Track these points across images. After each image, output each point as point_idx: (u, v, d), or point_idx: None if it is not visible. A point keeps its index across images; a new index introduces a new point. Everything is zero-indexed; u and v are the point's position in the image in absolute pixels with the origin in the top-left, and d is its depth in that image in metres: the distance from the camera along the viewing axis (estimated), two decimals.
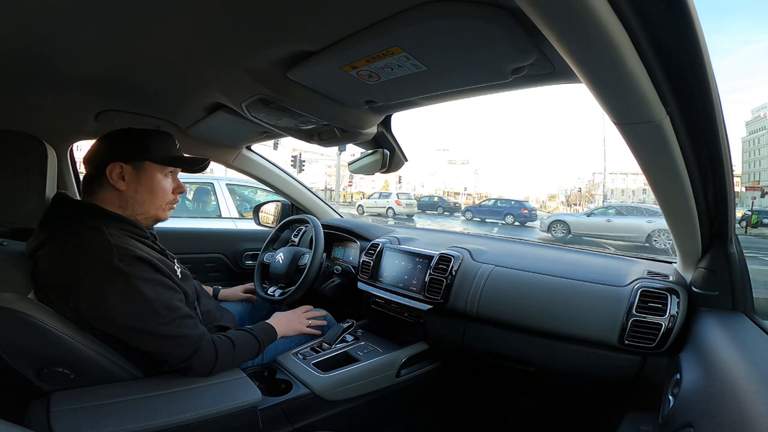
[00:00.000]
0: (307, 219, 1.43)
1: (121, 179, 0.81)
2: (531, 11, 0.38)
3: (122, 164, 0.81)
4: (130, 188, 0.82)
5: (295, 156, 12.92)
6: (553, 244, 1.42)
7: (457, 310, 1.10)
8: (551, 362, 0.99)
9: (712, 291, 0.78)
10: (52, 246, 0.74)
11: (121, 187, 0.81)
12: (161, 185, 0.86)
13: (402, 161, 1.18)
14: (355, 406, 1.00)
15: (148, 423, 0.67)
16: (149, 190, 0.84)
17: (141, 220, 0.85)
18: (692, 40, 0.41)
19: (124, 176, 0.81)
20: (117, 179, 0.81)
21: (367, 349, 1.13)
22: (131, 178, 0.82)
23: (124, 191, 0.82)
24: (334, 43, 0.62)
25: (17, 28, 0.60)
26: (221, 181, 3.79)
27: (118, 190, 0.81)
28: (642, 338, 0.83)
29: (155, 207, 0.86)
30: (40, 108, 1.01)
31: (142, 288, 0.72)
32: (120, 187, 0.81)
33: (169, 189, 0.88)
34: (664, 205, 0.72)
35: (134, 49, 0.69)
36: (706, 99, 0.48)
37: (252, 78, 0.76)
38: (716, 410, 0.47)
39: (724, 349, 0.61)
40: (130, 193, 0.82)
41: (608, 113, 0.52)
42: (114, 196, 0.82)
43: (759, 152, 45.51)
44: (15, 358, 0.66)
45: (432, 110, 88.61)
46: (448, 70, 0.66)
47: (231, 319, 1.08)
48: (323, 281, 1.39)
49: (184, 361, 0.78)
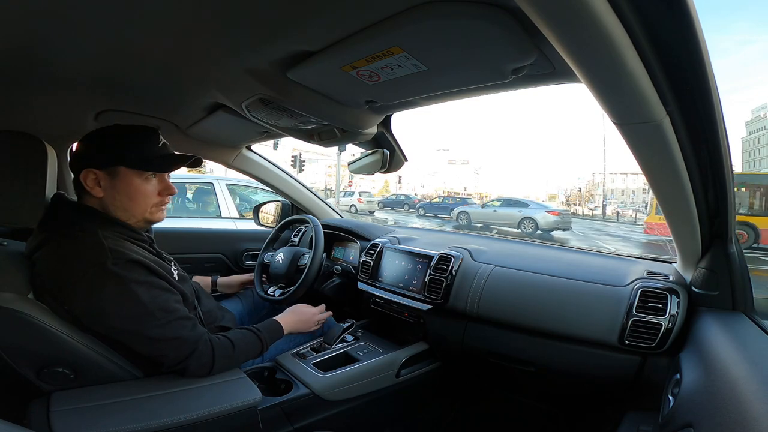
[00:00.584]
0: (307, 219, 1.43)
1: (97, 186, 0.77)
2: (531, 11, 0.38)
3: (95, 171, 0.77)
4: (107, 195, 0.78)
5: (295, 156, 12.91)
6: (553, 244, 1.42)
7: (457, 310, 1.10)
8: (551, 362, 0.99)
9: (712, 291, 0.78)
10: (49, 248, 0.74)
11: (98, 194, 0.78)
12: (141, 190, 0.80)
13: (402, 161, 1.18)
14: (355, 406, 1.00)
15: (148, 423, 0.67)
16: (127, 197, 0.79)
17: (132, 223, 0.82)
18: (692, 40, 0.41)
19: (99, 183, 0.77)
20: (93, 186, 0.77)
21: (367, 349, 1.13)
22: (107, 184, 0.78)
23: (103, 198, 0.78)
24: (334, 43, 0.62)
25: (17, 28, 0.60)
26: (221, 181, 3.79)
27: (96, 197, 0.78)
28: (642, 338, 0.83)
29: (140, 212, 0.82)
30: (40, 108, 1.01)
31: (137, 291, 0.72)
32: (97, 194, 0.78)
33: (151, 192, 0.82)
34: (664, 205, 0.72)
35: (134, 49, 0.69)
36: (706, 99, 0.48)
37: (252, 78, 0.76)
38: (716, 410, 0.47)
39: (724, 349, 0.61)
40: (109, 200, 0.78)
41: (608, 113, 0.52)
42: (95, 201, 0.79)
43: (759, 152, 45.51)
44: (15, 358, 0.66)
45: (432, 110, 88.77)
46: (448, 70, 0.66)
47: (231, 319, 1.08)
48: (323, 281, 1.39)
49: (181, 363, 0.77)
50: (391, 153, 1.15)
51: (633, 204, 35.08)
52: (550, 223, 11.18)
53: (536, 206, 12.18)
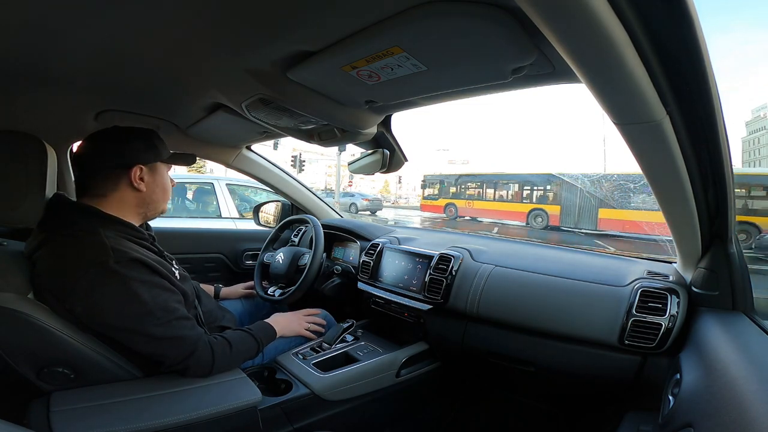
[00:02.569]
0: (307, 219, 1.43)
1: (141, 181, 0.84)
2: (531, 11, 0.38)
3: (142, 166, 0.84)
4: (149, 189, 0.85)
5: (295, 156, 12.89)
6: (553, 244, 1.42)
7: (457, 310, 1.10)
8: (551, 362, 0.99)
9: (712, 291, 0.78)
10: (50, 247, 0.74)
11: (142, 189, 0.84)
12: (168, 182, 0.91)
13: (402, 161, 1.18)
14: (355, 406, 1.00)
15: (148, 423, 0.67)
16: (162, 189, 0.89)
17: (151, 216, 0.90)
18: (692, 40, 0.41)
19: (143, 177, 0.84)
20: (139, 181, 0.83)
21: (367, 349, 1.13)
22: (150, 179, 0.85)
23: (144, 192, 0.85)
24: (333, 43, 0.62)
25: (17, 29, 0.60)
26: (221, 181, 3.79)
27: (138, 191, 0.84)
28: (642, 338, 0.83)
29: (165, 203, 0.92)
30: (40, 108, 1.01)
31: (138, 290, 0.72)
32: (141, 188, 0.84)
33: (170, 184, 0.93)
34: (664, 205, 0.72)
35: (134, 49, 0.69)
36: (706, 99, 0.48)
37: (252, 78, 0.76)
38: (716, 410, 0.47)
39: (724, 349, 0.61)
40: (149, 194, 0.86)
41: (608, 113, 0.52)
42: (132, 197, 0.84)
43: (759, 152, 45.49)
44: (15, 358, 0.66)
45: (432, 110, 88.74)
46: (448, 70, 0.66)
47: (231, 320, 1.09)
48: (323, 281, 1.39)
49: (181, 363, 0.78)
50: (391, 153, 1.15)
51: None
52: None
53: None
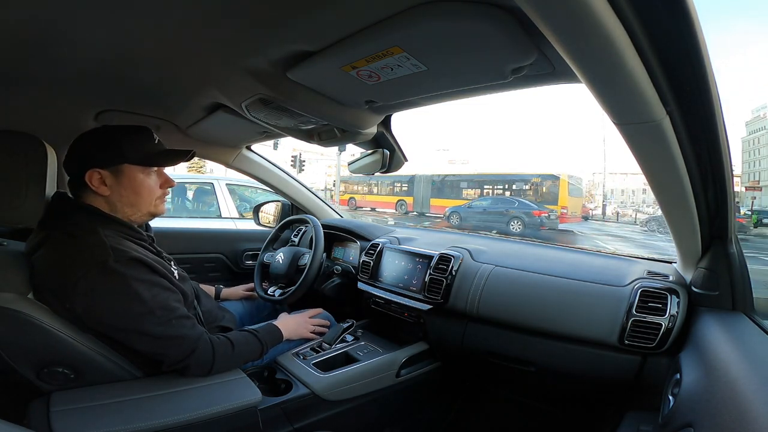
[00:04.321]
0: (307, 219, 1.43)
1: (102, 185, 0.79)
2: (531, 11, 0.38)
3: (99, 170, 0.78)
4: (114, 193, 0.80)
5: (295, 156, 12.89)
6: (553, 244, 1.42)
7: (457, 310, 1.10)
8: (551, 362, 0.99)
9: (712, 291, 0.78)
10: (50, 246, 0.74)
11: (104, 193, 0.79)
12: (145, 184, 0.83)
13: (402, 161, 1.18)
14: (355, 406, 1.00)
15: (148, 423, 0.67)
16: (134, 192, 0.82)
17: (136, 219, 0.84)
18: (692, 40, 0.41)
19: (105, 181, 0.79)
20: (98, 185, 0.79)
21: (367, 349, 1.13)
22: (112, 182, 0.80)
23: (109, 196, 0.80)
24: (334, 43, 0.62)
25: (17, 29, 0.60)
26: (221, 181, 3.79)
27: (102, 195, 0.80)
28: (642, 338, 0.83)
29: (145, 206, 0.84)
30: (40, 108, 1.01)
31: (138, 289, 0.72)
32: (103, 193, 0.79)
33: (154, 186, 0.85)
34: (664, 205, 0.72)
35: (134, 48, 0.69)
36: (706, 99, 0.48)
37: (252, 78, 0.76)
38: (716, 410, 0.47)
39: (724, 349, 0.61)
40: (116, 198, 0.80)
41: (608, 113, 0.52)
42: (101, 200, 0.80)
43: (759, 152, 45.46)
44: (15, 358, 0.66)
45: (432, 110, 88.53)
46: (447, 70, 0.66)
47: (231, 320, 1.08)
48: (323, 281, 1.39)
49: (181, 362, 0.78)
50: (391, 153, 1.15)
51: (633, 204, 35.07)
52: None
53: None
